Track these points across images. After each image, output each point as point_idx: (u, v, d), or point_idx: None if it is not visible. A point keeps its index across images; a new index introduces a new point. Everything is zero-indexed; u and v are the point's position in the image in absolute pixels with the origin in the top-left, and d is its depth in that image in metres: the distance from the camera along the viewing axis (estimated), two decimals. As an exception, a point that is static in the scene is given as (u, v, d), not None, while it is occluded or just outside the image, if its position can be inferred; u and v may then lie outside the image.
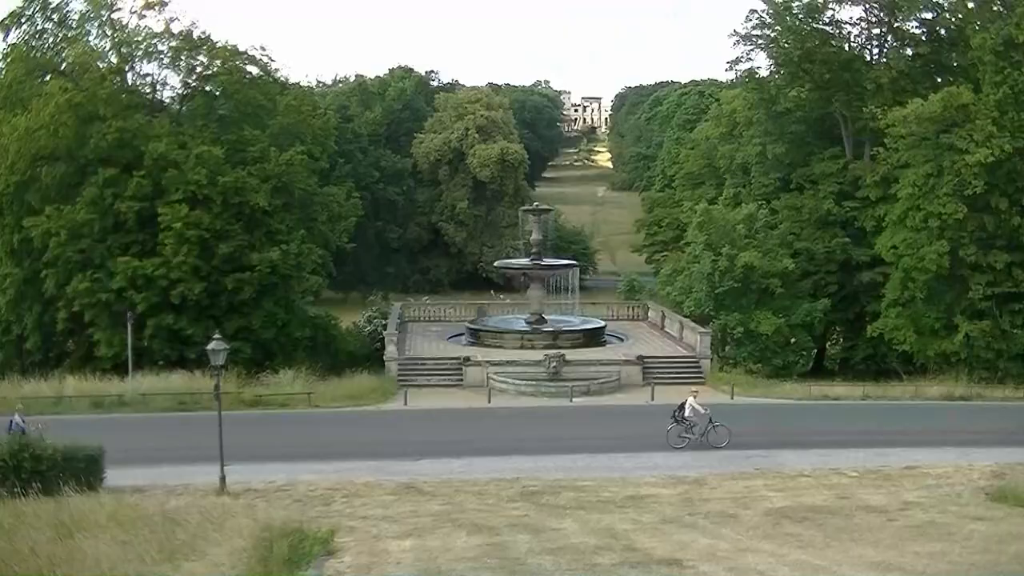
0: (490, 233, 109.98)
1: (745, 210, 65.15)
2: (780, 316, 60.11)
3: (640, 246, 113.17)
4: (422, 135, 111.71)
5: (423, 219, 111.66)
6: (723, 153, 79.64)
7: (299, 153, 59.49)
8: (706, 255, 61.54)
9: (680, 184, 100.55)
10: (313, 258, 58.63)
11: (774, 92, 69.48)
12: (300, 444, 36.67)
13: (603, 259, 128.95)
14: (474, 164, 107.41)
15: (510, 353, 55.27)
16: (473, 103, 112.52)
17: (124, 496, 27.15)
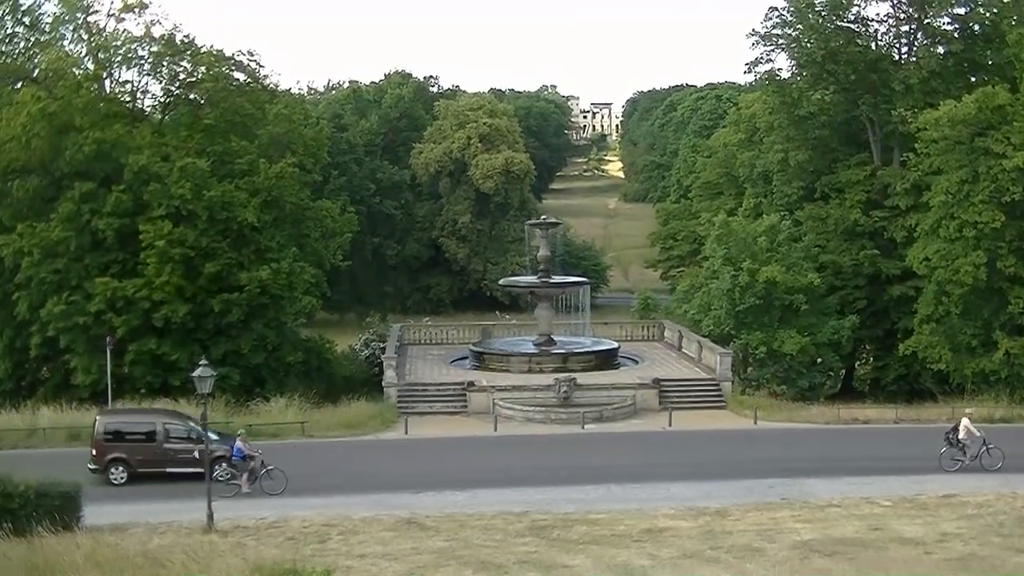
0: (494, 249, 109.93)
1: (766, 221, 65.01)
2: (805, 335, 59.88)
3: (655, 261, 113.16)
4: (421, 145, 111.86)
5: (423, 235, 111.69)
6: (742, 161, 79.59)
7: (290, 165, 59.46)
8: (725, 270, 61.38)
9: (697, 194, 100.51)
10: (305, 277, 58.43)
11: (796, 95, 69.40)
12: (293, 477, 36.53)
13: (615, 275, 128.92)
14: (477, 175, 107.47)
15: (517, 377, 55.06)
16: (475, 110, 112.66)
17: (103, 536, 26.97)
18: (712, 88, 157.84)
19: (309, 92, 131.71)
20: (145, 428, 38.11)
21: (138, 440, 37.76)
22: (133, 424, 38.52)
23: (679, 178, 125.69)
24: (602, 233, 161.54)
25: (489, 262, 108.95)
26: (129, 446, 37.58)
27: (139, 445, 37.63)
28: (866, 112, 68.05)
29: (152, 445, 37.65)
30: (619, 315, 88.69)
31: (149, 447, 37.63)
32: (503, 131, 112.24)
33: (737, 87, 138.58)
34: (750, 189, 78.63)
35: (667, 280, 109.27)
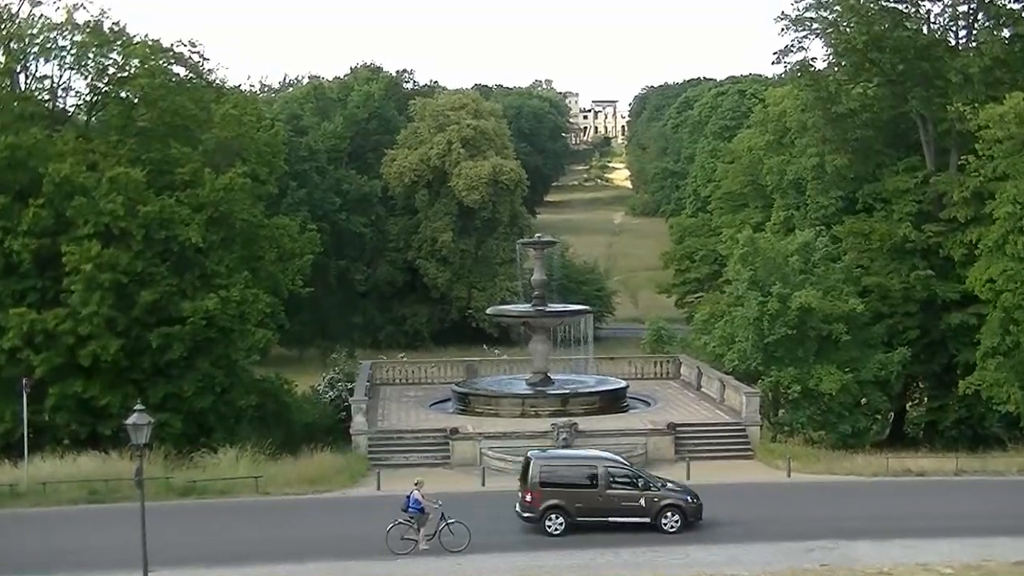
0: (481, 272, 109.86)
1: (800, 238, 65.06)
2: (847, 371, 59.83)
3: (668, 286, 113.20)
4: (394, 151, 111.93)
5: (397, 256, 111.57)
6: (771, 167, 79.76)
7: (240, 175, 59.30)
8: (752, 295, 61.35)
9: (717, 207, 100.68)
10: (259, 307, 58.20)
11: (834, 89, 69.53)
12: (246, 542, 36.19)
13: (622, 303, 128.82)
14: (459, 186, 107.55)
15: (508, 423, 54.78)
16: (457, 110, 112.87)
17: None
18: (734, 82, 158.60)
19: (262, 89, 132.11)
20: (586, 472, 39.23)
21: (579, 486, 38.83)
22: (573, 468, 39.80)
23: (696, 188, 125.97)
24: (606, 253, 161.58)
25: (475, 288, 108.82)
26: (568, 492, 38.65)
27: (579, 491, 38.73)
28: (917, 108, 68.20)
29: (593, 491, 38.69)
30: (627, 349, 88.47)
31: (590, 493, 38.67)
32: (490, 134, 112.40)
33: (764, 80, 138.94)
34: (780, 200, 78.72)
35: (683, 308, 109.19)
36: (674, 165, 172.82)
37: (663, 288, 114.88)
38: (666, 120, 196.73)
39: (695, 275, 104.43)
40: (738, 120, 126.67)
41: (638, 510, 38.05)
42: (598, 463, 39.73)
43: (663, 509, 37.85)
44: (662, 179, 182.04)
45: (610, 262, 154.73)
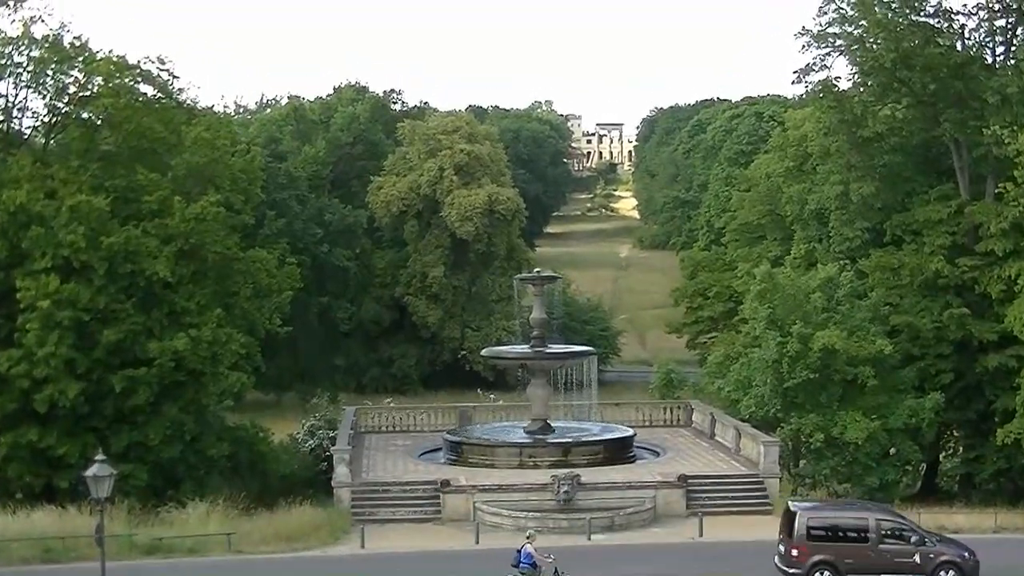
0: (475, 310, 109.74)
1: (822, 273, 64.94)
2: (874, 418, 59.59)
3: (679, 325, 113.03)
4: (380, 178, 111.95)
5: (384, 292, 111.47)
6: (791, 196, 79.64)
7: (213, 204, 59.19)
8: (770, 335, 61.20)
9: (732, 239, 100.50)
10: (233, 347, 58.04)
11: (859, 110, 69.47)
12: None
13: (629, 343, 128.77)
14: (452, 217, 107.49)
15: (505, 474, 54.60)
16: (449, 134, 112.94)
17: None
18: (751, 103, 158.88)
19: (237, 111, 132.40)
20: (857, 525, 39.97)
21: (849, 540, 39.58)
22: (843, 520, 40.56)
23: (709, 218, 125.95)
24: (612, 289, 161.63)
25: (468, 327, 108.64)
26: (838, 547, 39.31)
27: (850, 546, 39.38)
28: (950, 131, 68.13)
29: (864, 546, 39.29)
30: (634, 394, 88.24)
31: (861, 548, 39.28)
32: (485, 160, 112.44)
33: (783, 101, 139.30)
34: (800, 232, 78.57)
35: (695, 349, 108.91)
36: (685, 194, 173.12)
37: (673, 328, 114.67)
38: (676, 145, 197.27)
39: (708, 313, 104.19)
40: (755, 145, 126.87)
41: (913, 567, 38.35)
42: (869, 515, 40.29)
43: (940, 567, 38.12)
44: (672, 209, 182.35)
45: (616, 299, 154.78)
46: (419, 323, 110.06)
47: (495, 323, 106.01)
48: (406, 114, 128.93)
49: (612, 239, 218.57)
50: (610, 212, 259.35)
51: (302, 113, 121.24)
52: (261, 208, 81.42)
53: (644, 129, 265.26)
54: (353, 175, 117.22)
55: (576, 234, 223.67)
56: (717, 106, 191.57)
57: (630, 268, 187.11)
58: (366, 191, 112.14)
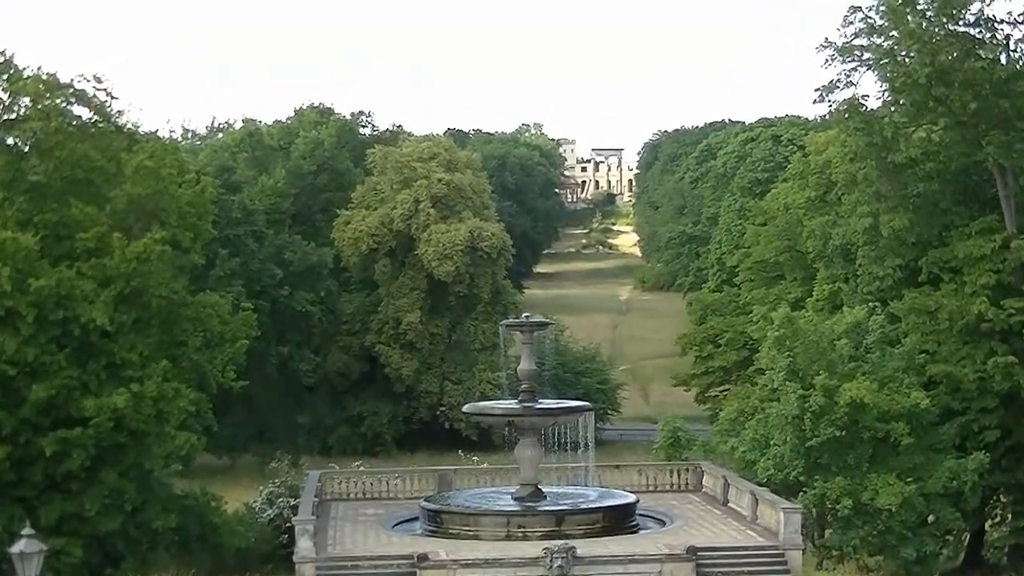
0: (455, 361, 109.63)
1: (849, 317, 65.04)
2: (910, 481, 59.51)
3: (687, 377, 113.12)
4: (348, 211, 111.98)
5: (352, 341, 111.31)
6: (813, 229, 79.79)
7: (158, 241, 59.04)
8: (790, 388, 61.17)
9: (747, 279, 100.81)
10: (182, 404, 57.78)
11: (890, 133, 69.51)
12: None
13: (631, 397, 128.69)
14: (429, 255, 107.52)
15: (490, 547, 54.28)
16: (426, 161, 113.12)
17: None
18: (767, 125, 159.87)
19: (185, 136, 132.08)
20: None
21: None
22: None
23: (721, 256, 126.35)
24: (611, 337, 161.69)
25: (448, 380, 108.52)
26: None
27: None
28: (993, 156, 68.18)
29: None
30: (637, 454, 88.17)
31: None
32: (467, 191, 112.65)
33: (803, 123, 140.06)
34: (824, 270, 78.73)
35: (705, 404, 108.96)
36: (693, 228, 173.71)
37: (680, 380, 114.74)
38: (683, 172, 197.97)
39: (720, 363, 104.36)
40: (772, 172, 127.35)
41: None
42: None
43: None
44: (678, 245, 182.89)
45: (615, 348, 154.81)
46: (392, 376, 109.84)
47: (478, 375, 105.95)
48: (377, 139, 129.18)
49: (611, 280, 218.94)
50: (608, 249, 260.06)
51: (259, 138, 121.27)
52: (212, 246, 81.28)
53: (646, 155, 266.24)
54: (317, 208, 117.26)
55: (570, 274, 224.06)
56: (729, 128, 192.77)
57: (631, 312, 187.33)
58: (332, 226, 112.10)
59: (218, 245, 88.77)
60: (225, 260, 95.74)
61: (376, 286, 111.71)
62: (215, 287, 78.68)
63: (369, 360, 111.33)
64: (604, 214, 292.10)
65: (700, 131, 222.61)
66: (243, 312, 68.46)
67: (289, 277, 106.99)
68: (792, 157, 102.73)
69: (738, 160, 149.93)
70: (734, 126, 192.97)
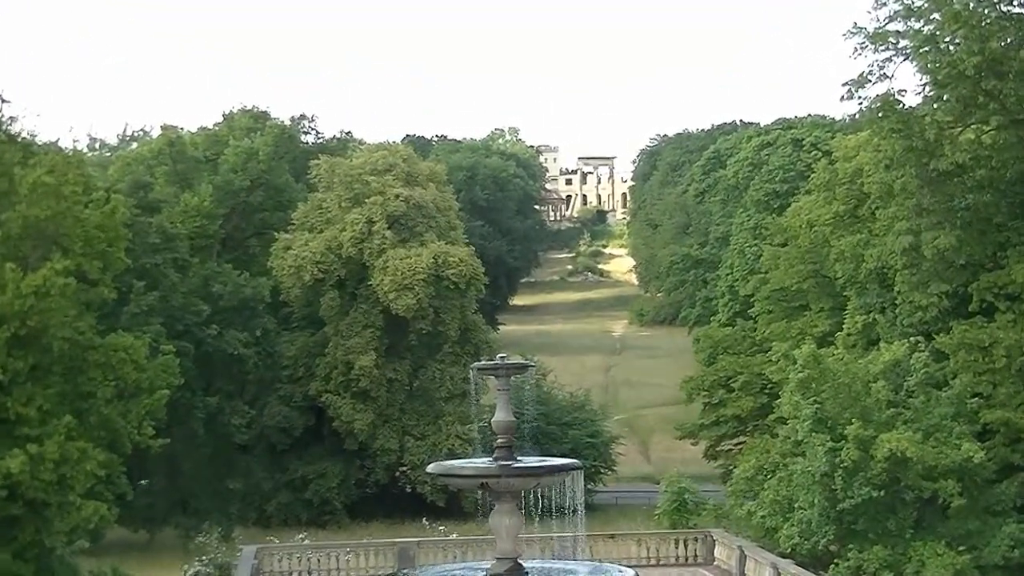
0: (418, 412, 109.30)
1: (887, 354, 65.07)
2: (963, 550, 59.46)
3: (694, 428, 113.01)
4: (288, 235, 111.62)
5: (294, 389, 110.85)
6: (842, 251, 79.82)
7: (60, 273, 58.92)
8: (818, 440, 61.20)
9: (764, 310, 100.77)
10: (89, 468, 57.60)
11: (933, 134, 69.59)
12: None
13: (628, 453, 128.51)
14: (385, 286, 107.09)
15: (461, 635, 54.15)
16: (381, 174, 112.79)
17: None
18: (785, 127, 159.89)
19: (92, 146, 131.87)
20: None
21: None
22: None
23: (733, 283, 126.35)
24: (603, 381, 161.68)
25: (410, 435, 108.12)
26: None
27: None
28: (1057, 160, 68.53)
29: None
30: (635, 521, 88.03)
31: None
32: (429, 208, 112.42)
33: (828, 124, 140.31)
34: (856, 299, 78.77)
35: (716, 460, 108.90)
36: (699, 250, 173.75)
37: (686, 432, 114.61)
38: (686, 184, 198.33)
39: (733, 411, 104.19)
40: (792, 183, 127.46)
41: None
42: None
43: None
44: (682, 271, 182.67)
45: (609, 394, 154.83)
46: (342, 430, 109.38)
47: (445, 429, 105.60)
48: (322, 148, 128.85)
49: (602, 313, 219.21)
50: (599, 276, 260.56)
51: (181, 148, 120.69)
52: (126, 278, 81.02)
53: (643, 164, 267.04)
54: (251, 231, 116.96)
55: (554, 307, 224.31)
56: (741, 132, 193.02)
57: (627, 352, 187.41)
58: (269, 253, 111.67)
59: (132, 276, 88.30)
60: (141, 294, 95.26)
61: (322, 324, 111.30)
62: (129, 326, 78.32)
63: (315, 412, 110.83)
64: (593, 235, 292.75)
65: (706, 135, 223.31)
66: (163, 356, 68.34)
67: (218, 314, 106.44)
68: (816, 164, 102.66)
69: (752, 168, 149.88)
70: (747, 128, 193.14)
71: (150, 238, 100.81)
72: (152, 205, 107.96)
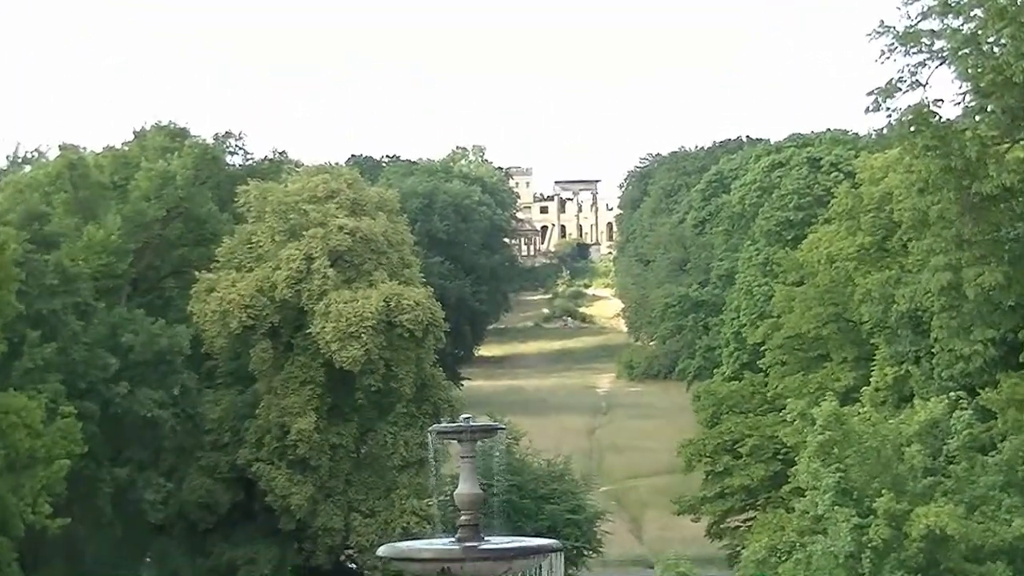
0: (367, 484, 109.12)
1: (923, 413, 65.04)
2: (1013, 645, 59.52)
3: (695, 501, 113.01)
4: (211, 274, 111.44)
5: (219, 458, 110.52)
6: (869, 290, 79.93)
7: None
8: (842, 515, 61.15)
9: (777, 361, 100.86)
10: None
11: (975, 153, 69.65)
12: None
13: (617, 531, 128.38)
14: (327, 335, 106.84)
15: None
16: (322, 202, 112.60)
17: None
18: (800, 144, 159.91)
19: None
20: None
21: None
22: None
23: (739, 329, 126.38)
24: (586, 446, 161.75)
25: (357, 511, 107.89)
26: None
27: None
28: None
29: None
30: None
31: None
32: (379, 242, 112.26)
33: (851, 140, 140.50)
34: (885, 347, 78.89)
35: (721, 539, 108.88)
36: (699, 291, 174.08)
37: (685, 506, 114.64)
38: (684, 212, 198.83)
39: (741, 482, 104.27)
40: (809, 210, 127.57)
41: None
42: None
43: None
44: (679, 315, 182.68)
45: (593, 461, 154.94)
46: (277, 507, 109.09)
47: (399, 504, 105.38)
48: (252, 172, 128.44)
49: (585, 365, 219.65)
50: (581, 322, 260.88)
51: (83, 172, 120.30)
52: (18, 326, 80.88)
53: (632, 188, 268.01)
54: (167, 270, 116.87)
55: (527, 358, 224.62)
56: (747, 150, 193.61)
57: (615, 411, 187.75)
58: (188, 296, 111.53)
59: (26, 325, 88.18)
60: (36, 346, 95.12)
61: (253, 380, 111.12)
62: (22, 384, 78.16)
63: (243, 485, 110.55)
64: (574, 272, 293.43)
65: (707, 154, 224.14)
66: (62, 420, 68.28)
67: (128, 369, 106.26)
68: (837, 188, 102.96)
69: (761, 193, 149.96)
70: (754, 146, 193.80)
71: (47, 279, 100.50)
72: (49, 239, 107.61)
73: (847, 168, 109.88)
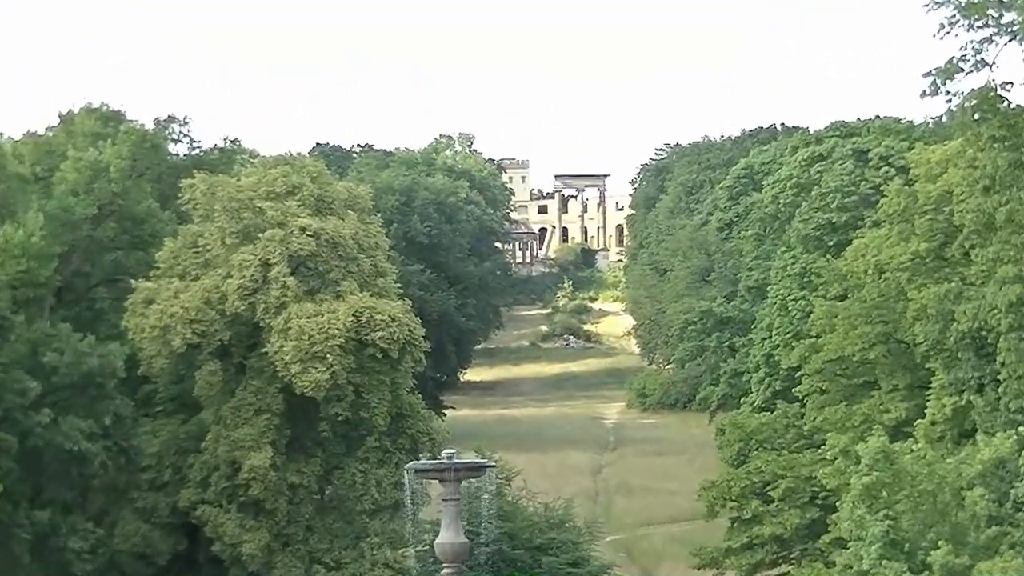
0: (332, 531, 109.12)
1: (987, 451, 65.01)
2: None
3: (718, 553, 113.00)
4: (150, 282, 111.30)
5: (158, 499, 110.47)
6: (924, 305, 79.88)
7: None
8: (891, 569, 61.10)
9: (816, 389, 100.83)
10: None
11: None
12: None
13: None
14: (287, 355, 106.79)
15: None
16: (281, 198, 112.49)
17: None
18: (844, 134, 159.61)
19: None
20: None
21: None
22: None
23: (771, 350, 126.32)
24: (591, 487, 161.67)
25: (320, 563, 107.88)
26: None
27: None
28: None
29: None
30: None
31: None
32: (348, 246, 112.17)
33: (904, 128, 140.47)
34: (943, 373, 78.87)
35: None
36: (724, 306, 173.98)
37: (707, 558, 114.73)
38: (707, 213, 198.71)
39: (772, 530, 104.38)
40: (854, 211, 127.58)
41: None
42: None
43: None
44: (700, 334, 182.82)
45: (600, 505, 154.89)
46: (226, 557, 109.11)
47: (369, 554, 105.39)
48: (199, 163, 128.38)
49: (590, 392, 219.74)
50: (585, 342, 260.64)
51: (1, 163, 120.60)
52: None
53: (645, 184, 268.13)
54: (99, 278, 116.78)
55: (522, 384, 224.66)
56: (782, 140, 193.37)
57: (624, 447, 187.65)
58: (123, 308, 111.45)
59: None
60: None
61: (198, 407, 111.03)
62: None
63: (186, 531, 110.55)
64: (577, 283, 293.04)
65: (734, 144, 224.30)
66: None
67: (51, 393, 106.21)
68: (888, 185, 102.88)
69: (798, 191, 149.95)
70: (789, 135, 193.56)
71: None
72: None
73: (899, 162, 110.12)
